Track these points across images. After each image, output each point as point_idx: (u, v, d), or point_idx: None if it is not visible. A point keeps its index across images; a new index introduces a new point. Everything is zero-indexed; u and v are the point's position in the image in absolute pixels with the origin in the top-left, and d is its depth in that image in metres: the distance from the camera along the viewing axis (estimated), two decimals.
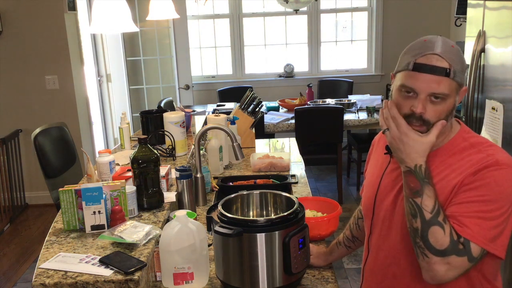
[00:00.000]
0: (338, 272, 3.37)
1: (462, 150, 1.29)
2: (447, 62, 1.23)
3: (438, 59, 1.24)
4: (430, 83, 1.23)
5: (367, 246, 1.51)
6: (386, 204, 1.40)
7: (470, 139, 1.32)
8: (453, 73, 1.24)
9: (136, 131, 3.90)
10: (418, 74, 1.24)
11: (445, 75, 1.23)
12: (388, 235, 1.40)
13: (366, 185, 1.53)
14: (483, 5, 2.86)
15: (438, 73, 1.23)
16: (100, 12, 2.04)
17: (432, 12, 5.67)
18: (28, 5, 4.36)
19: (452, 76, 1.24)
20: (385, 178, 1.42)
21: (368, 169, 1.56)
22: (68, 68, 4.50)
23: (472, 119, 3.01)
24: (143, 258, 1.50)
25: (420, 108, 1.24)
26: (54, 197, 2.87)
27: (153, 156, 1.83)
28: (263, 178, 2.46)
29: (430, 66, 1.23)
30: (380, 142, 1.53)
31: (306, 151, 4.23)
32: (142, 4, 4.86)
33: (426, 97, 1.24)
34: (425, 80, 1.24)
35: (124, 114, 2.80)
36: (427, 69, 1.23)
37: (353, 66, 6.07)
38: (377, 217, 1.44)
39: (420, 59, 1.25)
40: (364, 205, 1.52)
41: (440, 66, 1.23)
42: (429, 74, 1.23)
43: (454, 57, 1.25)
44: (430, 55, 1.24)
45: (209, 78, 6.04)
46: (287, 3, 4.68)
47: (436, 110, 1.25)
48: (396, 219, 1.37)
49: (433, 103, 1.25)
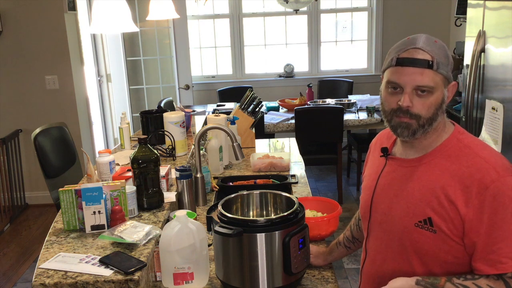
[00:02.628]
0: (338, 272, 3.37)
1: (458, 152, 1.28)
2: (428, 54, 1.25)
3: (419, 52, 1.25)
4: (413, 75, 1.25)
5: (364, 248, 1.51)
6: (383, 207, 1.40)
7: (464, 140, 1.31)
8: (436, 65, 1.24)
9: (136, 131, 3.91)
10: (401, 68, 1.26)
11: (428, 67, 1.24)
12: (385, 238, 1.40)
13: (363, 187, 1.52)
14: (483, 5, 2.86)
15: (420, 65, 1.24)
16: (100, 12, 2.04)
17: (432, 12, 5.67)
18: (28, 5, 4.36)
19: (436, 68, 1.24)
20: (381, 180, 1.42)
21: (365, 172, 1.56)
22: (68, 68, 4.50)
23: (472, 119, 3.01)
24: (143, 258, 1.50)
25: (406, 101, 1.25)
26: (54, 197, 2.87)
27: (153, 156, 1.83)
28: (263, 178, 2.46)
29: (412, 59, 1.25)
30: (377, 144, 1.53)
31: (306, 151, 4.24)
32: (142, 4, 4.86)
33: (412, 90, 1.26)
34: (408, 73, 1.25)
35: (124, 114, 2.80)
36: (409, 62, 1.25)
37: (353, 66, 6.07)
38: (374, 220, 1.43)
39: (402, 54, 1.27)
40: (361, 208, 1.51)
41: (421, 58, 1.25)
42: (411, 67, 1.25)
43: (436, 50, 1.26)
44: (412, 49, 1.26)
45: (209, 78, 6.04)
46: (287, 3, 4.68)
47: (423, 104, 1.26)
48: (392, 222, 1.36)
49: (420, 96, 1.26)
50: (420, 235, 1.29)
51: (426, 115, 1.27)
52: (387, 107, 1.32)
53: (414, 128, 1.28)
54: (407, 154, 1.37)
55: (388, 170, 1.41)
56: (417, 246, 1.30)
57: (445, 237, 1.26)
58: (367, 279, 1.50)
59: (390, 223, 1.37)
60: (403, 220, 1.33)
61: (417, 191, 1.30)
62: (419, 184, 1.31)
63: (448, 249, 1.27)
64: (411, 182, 1.33)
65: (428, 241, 1.28)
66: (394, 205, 1.36)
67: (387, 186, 1.39)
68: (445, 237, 1.26)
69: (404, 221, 1.32)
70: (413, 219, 1.30)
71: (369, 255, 1.48)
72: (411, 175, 1.33)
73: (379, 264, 1.43)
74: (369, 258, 1.48)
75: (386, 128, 1.55)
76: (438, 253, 1.28)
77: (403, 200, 1.33)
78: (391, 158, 1.42)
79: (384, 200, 1.39)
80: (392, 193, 1.37)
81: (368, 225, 1.46)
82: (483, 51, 2.86)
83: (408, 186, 1.33)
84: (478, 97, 2.93)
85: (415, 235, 1.30)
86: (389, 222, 1.37)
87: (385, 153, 1.42)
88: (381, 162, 1.45)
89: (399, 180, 1.36)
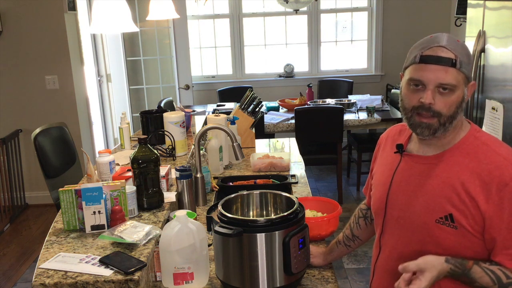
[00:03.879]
0: (338, 272, 3.37)
1: (476, 149, 1.30)
2: (452, 53, 1.26)
3: (443, 50, 1.26)
4: (437, 73, 1.25)
5: (378, 244, 1.51)
6: (400, 203, 1.40)
7: (481, 138, 1.32)
8: (459, 64, 1.26)
9: (136, 131, 3.91)
10: (425, 66, 1.27)
11: (451, 65, 1.25)
12: (402, 234, 1.40)
13: (375, 184, 1.52)
14: (483, 5, 2.86)
15: (444, 63, 1.25)
16: (100, 12, 2.04)
17: (432, 12, 5.67)
18: (28, 5, 4.36)
19: (459, 67, 1.26)
20: (397, 176, 1.42)
21: (376, 168, 1.55)
22: (68, 68, 4.50)
23: (472, 119, 3.01)
24: (143, 258, 1.50)
25: (429, 98, 1.26)
26: (54, 197, 2.87)
27: (153, 156, 1.83)
28: (263, 178, 2.46)
29: (436, 57, 1.26)
30: (388, 140, 1.53)
31: (306, 151, 4.23)
32: (142, 4, 4.86)
33: (434, 88, 1.26)
34: (432, 70, 1.26)
35: (124, 114, 2.80)
36: (433, 60, 1.26)
37: (353, 66, 6.07)
38: (390, 216, 1.43)
39: (426, 51, 1.28)
40: (374, 204, 1.51)
41: (446, 57, 1.26)
42: (435, 64, 1.26)
43: (459, 49, 1.27)
44: (436, 47, 1.27)
45: (209, 78, 6.04)
46: (287, 3, 4.68)
47: (445, 102, 1.27)
48: (411, 218, 1.36)
49: (442, 94, 1.26)
50: (441, 231, 1.30)
51: (448, 113, 1.27)
52: (407, 104, 1.32)
53: (435, 127, 1.29)
54: (424, 151, 1.38)
55: (404, 167, 1.41)
56: (438, 242, 1.31)
57: (466, 233, 1.27)
58: (382, 274, 1.50)
59: (409, 219, 1.37)
60: (423, 216, 1.33)
61: (437, 187, 1.31)
62: (439, 180, 1.31)
63: (469, 245, 1.28)
64: (430, 178, 1.33)
65: (450, 237, 1.29)
66: (413, 201, 1.36)
67: (404, 182, 1.39)
68: (466, 233, 1.27)
69: (424, 217, 1.33)
70: (434, 216, 1.31)
71: (384, 251, 1.48)
72: (430, 172, 1.34)
73: (396, 260, 1.41)
74: (384, 254, 1.48)
75: (396, 124, 1.55)
76: (459, 249, 1.29)
77: (423, 196, 1.34)
78: (406, 155, 1.42)
79: (402, 197, 1.39)
80: (410, 190, 1.37)
81: (383, 221, 1.46)
82: (483, 51, 2.86)
83: (427, 183, 1.34)
84: (478, 97, 2.93)
85: (436, 231, 1.31)
86: (408, 218, 1.38)
87: (401, 149, 1.42)
88: (395, 159, 1.45)
89: (417, 177, 1.36)
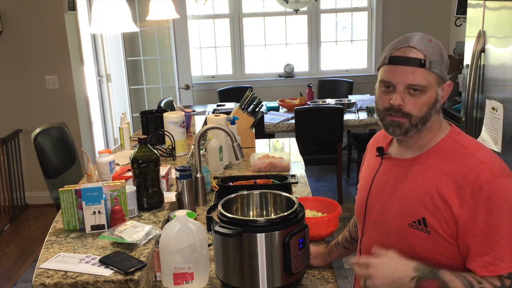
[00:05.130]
0: (338, 272, 3.37)
1: (454, 152, 1.27)
2: (421, 53, 1.24)
3: (412, 51, 1.25)
4: (405, 74, 1.24)
5: (359, 248, 1.51)
6: (378, 207, 1.39)
7: (460, 141, 1.30)
8: (428, 64, 1.24)
9: (136, 131, 3.91)
10: (394, 67, 1.26)
11: (420, 65, 1.24)
12: (379, 238, 1.39)
13: (359, 187, 1.52)
14: (483, 5, 2.86)
15: (412, 64, 1.24)
16: (100, 12, 2.04)
17: (432, 12, 5.67)
18: (28, 5, 4.36)
19: (428, 67, 1.24)
20: (377, 180, 1.42)
21: (362, 172, 1.56)
22: (68, 68, 4.50)
23: (472, 119, 3.01)
24: (143, 258, 1.50)
25: (398, 100, 1.25)
26: (54, 197, 2.87)
27: (153, 156, 1.83)
28: (263, 178, 2.46)
29: (404, 58, 1.25)
30: (374, 144, 1.52)
31: (306, 151, 4.23)
32: (142, 4, 4.86)
33: (404, 89, 1.25)
34: (400, 72, 1.25)
35: (124, 114, 2.80)
36: (401, 61, 1.25)
37: (353, 66, 6.07)
38: (369, 220, 1.43)
39: (395, 52, 1.27)
40: (356, 208, 1.51)
41: (413, 57, 1.24)
42: (403, 65, 1.25)
43: (430, 49, 1.26)
44: (405, 48, 1.26)
45: (209, 78, 6.04)
46: (287, 3, 4.68)
47: (415, 103, 1.25)
48: (387, 222, 1.35)
49: (412, 95, 1.25)
50: (414, 236, 1.28)
51: (418, 114, 1.26)
52: (380, 105, 1.32)
53: (406, 127, 1.27)
54: (403, 154, 1.37)
55: (383, 170, 1.41)
56: (412, 246, 1.29)
57: (439, 237, 1.25)
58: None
59: (385, 223, 1.36)
60: (397, 220, 1.32)
61: (412, 191, 1.30)
62: (413, 184, 1.30)
63: (442, 250, 1.26)
64: (406, 182, 1.32)
65: (422, 242, 1.27)
66: (389, 205, 1.35)
67: (382, 186, 1.39)
68: (439, 237, 1.25)
69: (398, 221, 1.32)
70: (407, 219, 1.29)
71: (363, 255, 1.46)
72: (406, 175, 1.33)
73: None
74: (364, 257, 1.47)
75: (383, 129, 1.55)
76: (433, 254, 1.27)
77: (398, 200, 1.33)
78: (386, 158, 1.41)
79: (379, 200, 1.39)
80: (387, 193, 1.36)
81: (363, 225, 1.46)
82: (483, 51, 2.86)
83: (402, 186, 1.32)
84: (478, 97, 2.94)
85: (409, 236, 1.29)
86: (384, 222, 1.37)
87: (381, 152, 1.42)
88: (376, 162, 1.44)
89: (394, 180, 1.36)
